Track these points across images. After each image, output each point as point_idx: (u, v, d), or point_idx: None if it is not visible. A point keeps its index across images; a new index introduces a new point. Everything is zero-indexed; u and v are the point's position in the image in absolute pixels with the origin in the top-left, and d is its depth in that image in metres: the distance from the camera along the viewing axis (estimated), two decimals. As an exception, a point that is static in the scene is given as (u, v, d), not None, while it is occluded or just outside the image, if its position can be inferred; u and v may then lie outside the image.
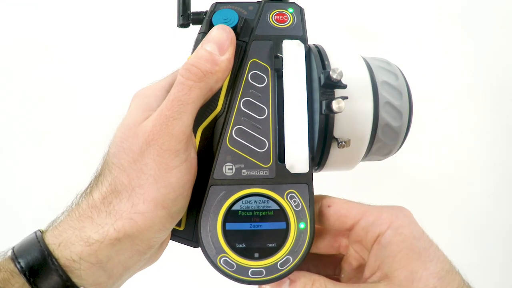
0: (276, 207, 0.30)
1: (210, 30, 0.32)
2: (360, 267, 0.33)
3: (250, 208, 0.30)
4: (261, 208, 0.30)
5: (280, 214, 0.30)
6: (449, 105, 0.81)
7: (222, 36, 0.31)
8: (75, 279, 0.27)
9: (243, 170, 0.30)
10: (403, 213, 0.30)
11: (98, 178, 0.30)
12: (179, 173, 0.28)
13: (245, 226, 0.30)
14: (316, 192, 0.32)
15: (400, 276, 0.28)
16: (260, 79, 0.32)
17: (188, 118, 0.29)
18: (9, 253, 0.27)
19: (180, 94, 0.29)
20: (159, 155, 0.28)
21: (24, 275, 0.26)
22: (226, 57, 0.30)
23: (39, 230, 0.29)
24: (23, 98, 0.77)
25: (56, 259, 0.26)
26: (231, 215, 0.30)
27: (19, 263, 0.26)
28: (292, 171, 0.30)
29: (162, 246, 0.32)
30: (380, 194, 0.74)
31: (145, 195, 0.27)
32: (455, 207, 0.79)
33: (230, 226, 0.30)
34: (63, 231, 0.28)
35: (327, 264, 0.36)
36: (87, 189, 0.30)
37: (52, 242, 0.27)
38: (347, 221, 0.31)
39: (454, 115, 0.81)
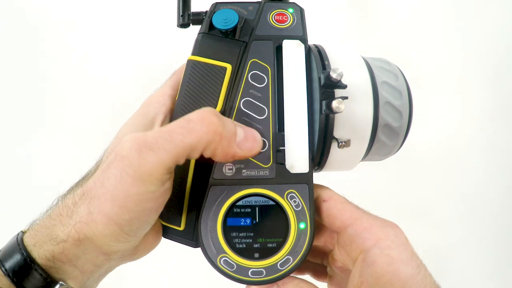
0: (276, 207, 0.30)
1: (253, 135, 0.29)
2: (344, 267, 0.33)
3: (250, 209, 0.30)
4: (261, 208, 0.30)
5: (280, 214, 0.30)
6: (447, 102, 0.81)
7: (255, 141, 0.29)
8: (54, 275, 0.28)
9: (243, 170, 0.30)
10: (395, 232, 0.29)
11: (81, 180, 0.30)
12: (138, 201, 0.26)
13: (245, 226, 0.30)
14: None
15: None
16: (260, 79, 0.32)
17: (167, 158, 0.25)
18: None
19: (176, 130, 0.26)
20: (122, 176, 0.25)
21: (9, 277, 0.27)
22: (235, 151, 0.28)
23: (21, 231, 0.30)
24: (22, 98, 0.77)
25: (34, 259, 0.27)
26: (231, 215, 0.30)
27: (3, 266, 0.27)
28: (292, 171, 0.30)
29: (143, 249, 0.31)
30: (376, 175, 0.74)
31: (100, 207, 0.26)
32: (453, 203, 0.80)
33: (230, 226, 0.30)
34: (39, 230, 0.29)
35: (317, 253, 0.36)
36: (68, 190, 0.30)
37: (30, 242, 0.28)
38: (335, 223, 0.30)
39: (450, 111, 0.82)
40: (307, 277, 0.36)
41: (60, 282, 0.28)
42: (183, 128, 0.26)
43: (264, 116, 0.31)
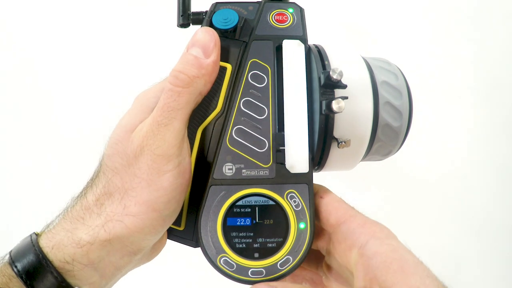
0: (276, 207, 0.30)
1: (194, 34, 0.31)
2: (338, 274, 0.32)
3: (250, 208, 0.30)
4: (261, 208, 0.30)
5: (280, 214, 0.30)
6: (446, 102, 0.81)
7: (206, 38, 0.30)
8: (69, 279, 0.27)
9: (243, 170, 0.30)
10: (388, 229, 0.29)
11: (93, 180, 0.30)
12: (172, 177, 0.28)
13: (245, 226, 0.30)
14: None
15: None
16: (260, 79, 0.32)
17: (179, 124, 0.29)
18: (7, 257, 0.28)
19: (170, 101, 0.29)
20: (152, 159, 0.28)
21: (21, 278, 0.27)
22: (212, 60, 0.30)
23: (34, 233, 0.29)
24: (22, 100, 0.77)
25: (50, 262, 0.27)
26: (231, 215, 0.30)
27: (16, 267, 0.27)
28: (292, 171, 0.30)
29: (156, 249, 0.32)
30: (377, 191, 0.74)
31: (137, 197, 0.28)
32: (453, 204, 0.79)
33: (230, 226, 0.30)
34: (56, 233, 0.28)
35: (312, 258, 0.35)
36: (82, 191, 0.30)
37: (46, 245, 0.28)
38: (330, 219, 0.30)
39: (450, 112, 0.82)
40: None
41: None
42: (171, 97, 0.29)
43: (264, 116, 0.31)
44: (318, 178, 0.33)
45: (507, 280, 0.78)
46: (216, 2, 0.33)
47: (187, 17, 0.34)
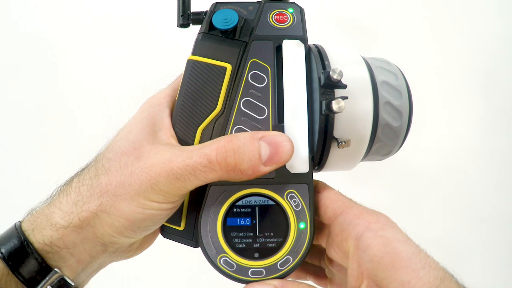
0: (276, 207, 0.30)
1: (280, 134, 0.29)
2: (340, 266, 0.32)
3: (250, 208, 0.30)
4: (261, 208, 0.30)
5: (280, 214, 0.30)
6: (445, 96, 0.82)
7: (284, 151, 0.28)
8: (49, 262, 0.28)
9: None
10: (385, 217, 0.28)
11: (83, 170, 0.31)
12: (157, 207, 0.28)
13: (245, 226, 0.30)
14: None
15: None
16: (260, 79, 0.32)
17: (191, 186, 0.28)
18: None
19: (199, 168, 0.27)
20: (147, 189, 0.28)
21: (4, 260, 0.27)
22: (264, 170, 0.28)
23: (19, 221, 0.30)
24: (21, 101, 0.77)
25: (31, 243, 0.28)
26: (231, 215, 0.30)
27: None
28: (292, 171, 0.30)
29: (142, 246, 0.33)
30: (378, 184, 0.74)
31: (116, 203, 0.28)
32: (452, 197, 0.80)
33: (230, 226, 0.30)
34: (37, 217, 0.29)
35: (314, 252, 0.35)
36: (68, 180, 0.31)
37: (28, 227, 0.29)
38: (327, 212, 0.30)
39: (449, 105, 0.82)
40: (309, 282, 0.36)
41: (55, 269, 0.28)
42: (205, 167, 0.27)
43: (264, 116, 0.31)
44: (319, 177, 0.34)
45: (508, 272, 0.78)
46: (216, 2, 0.33)
47: (187, 17, 0.34)
